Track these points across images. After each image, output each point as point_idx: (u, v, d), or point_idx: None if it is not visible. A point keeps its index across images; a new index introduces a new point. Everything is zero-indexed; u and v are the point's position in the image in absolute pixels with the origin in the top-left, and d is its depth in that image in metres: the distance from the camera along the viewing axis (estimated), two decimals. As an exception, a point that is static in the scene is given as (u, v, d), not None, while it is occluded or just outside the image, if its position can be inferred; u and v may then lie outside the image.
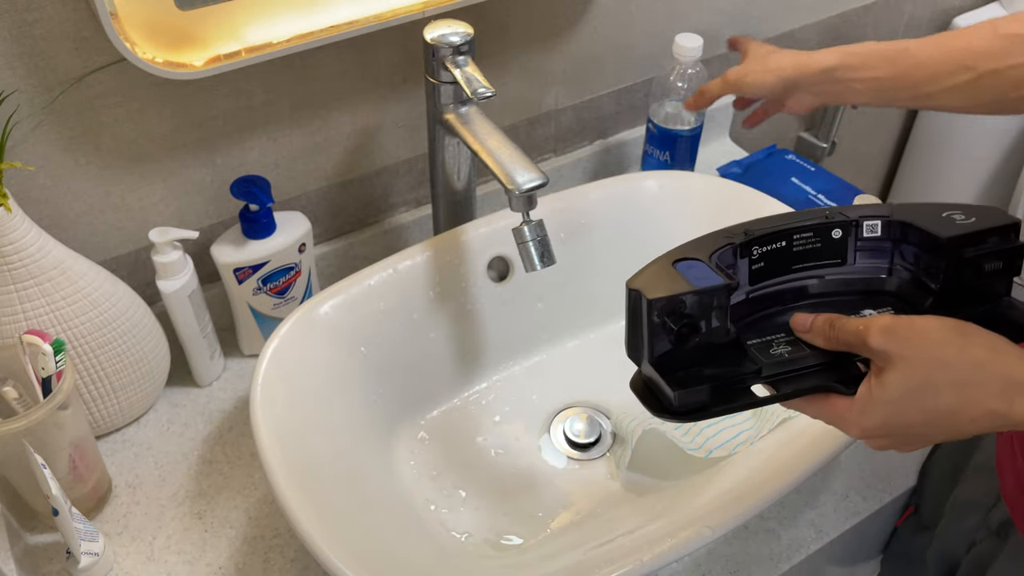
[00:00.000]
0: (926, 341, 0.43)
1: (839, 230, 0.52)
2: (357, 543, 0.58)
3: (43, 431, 0.63)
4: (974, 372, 0.42)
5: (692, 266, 0.48)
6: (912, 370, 0.43)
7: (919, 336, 0.43)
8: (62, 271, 0.67)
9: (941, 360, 0.43)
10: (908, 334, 0.43)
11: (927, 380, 0.43)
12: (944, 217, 0.50)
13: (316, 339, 0.69)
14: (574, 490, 0.73)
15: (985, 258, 0.48)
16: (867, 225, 0.51)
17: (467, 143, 0.70)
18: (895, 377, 0.43)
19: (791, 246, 0.51)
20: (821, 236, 0.52)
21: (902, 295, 0.52)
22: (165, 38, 0.65)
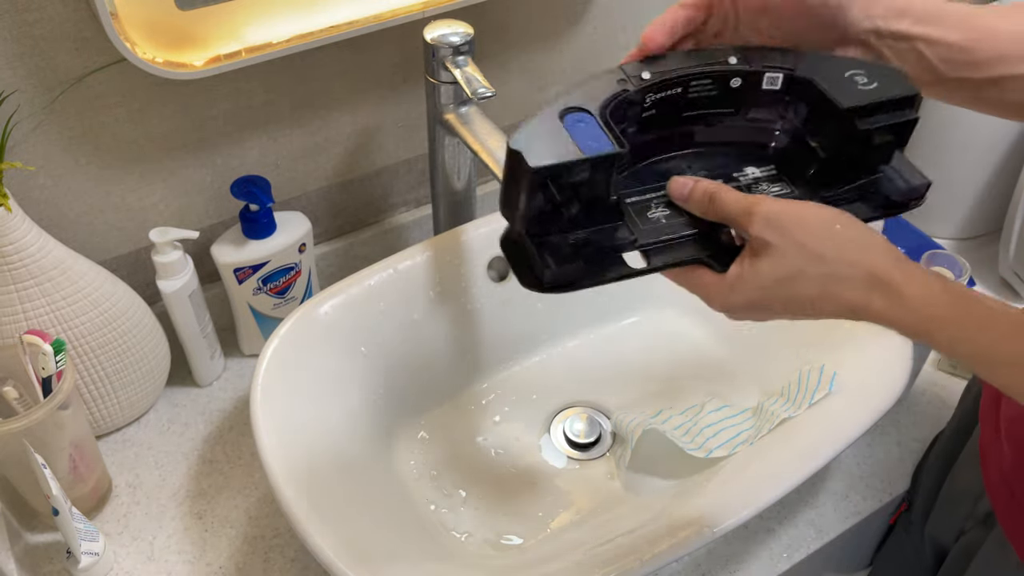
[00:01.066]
0: (806, 233, 0.44)
1: (739, 79, 0.48)
2: (357, 543, 0.58)
3: (43, 431, 0.63)
4: (844, 268, 0.43)
5: (581, 121, 0.44)
6: (787, 260, 0.44)
7: (800, 228, 0.44)
8: (62, 271, 0.67)
9: (816, 254, 0.44)
10: (789, 225, 0.44)
11: (799, 271, 0.44)
12: (846, 78, 0.48)
13: (316, 339, 0.69)
14: (574, 490, 0.73)
15: (878, 131, 0.47)
16: (768, 77, 0.49)
17: (467, 143, 0.70)
18: (769, 265, 0.44)
19: (686, 92, 0.48)
20: (719, 84, 0.48)
21: (787, 156, 0.50)
22: (165, 38, 0.65)
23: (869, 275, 0.43)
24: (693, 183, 0.47)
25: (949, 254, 0.74)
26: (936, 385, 0.83)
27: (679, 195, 0.47)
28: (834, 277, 0.44)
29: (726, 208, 0.45)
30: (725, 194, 0.46)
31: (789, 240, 0.44)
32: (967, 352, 0.43)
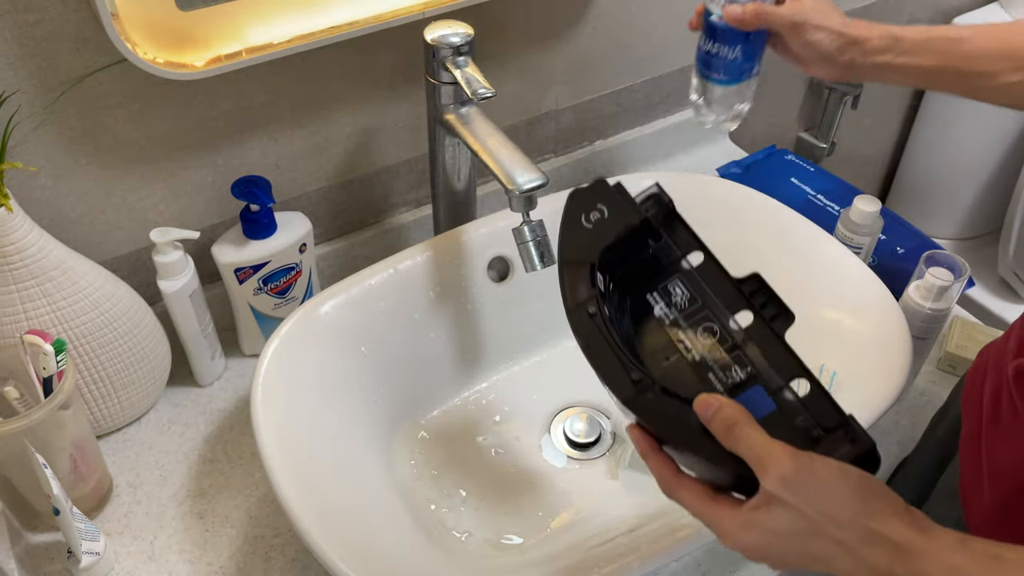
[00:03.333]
0: (823, 497, 0.43)
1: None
2: (357, 543, 0.58)
3: (44, 431, 0.63)
4: (867, 535, 0.42)
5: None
6: (805, 519, 0.43)
7: (816, 492, 0.43)
8: (63, 271, 0.67)
9: (836, 519, 0.43)
10: (806, 488, 0.43)
11: (818, 530, 0.43)
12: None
13: (317, 339, 0.69)
14: (574, 490, 0.73)
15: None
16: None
17: (467, 143, 0.70)
18: (785, 516, 0.43)
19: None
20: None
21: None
22: (166, 38, 0.65)
23: (889, 542, 0.42)
24: (717, 406, 0.46)
25: (949, 254, 0.74)
26: (936, 384, 0.83)
27: (703, 415, 0.46)
28: (853, 543, 0.42)
29: (741, 448, 0.45)
30: (742, 431, 0.45)
31: (804, 501, 0.43)
32: None
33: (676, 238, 0.55)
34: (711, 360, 0.50)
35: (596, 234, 0.55)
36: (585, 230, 0.55)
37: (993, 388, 0.63)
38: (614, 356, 0.50)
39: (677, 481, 0.47)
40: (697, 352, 0.51)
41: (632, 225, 0.54)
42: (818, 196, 0.99)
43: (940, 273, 0.72)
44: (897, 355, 0.67)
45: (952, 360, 0.83)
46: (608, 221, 0.55)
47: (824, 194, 0.99)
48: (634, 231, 0.54)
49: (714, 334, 0.51)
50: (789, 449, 0.44)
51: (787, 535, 0.44)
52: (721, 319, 0.51)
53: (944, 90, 0.67)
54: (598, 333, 0.51)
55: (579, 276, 0.54)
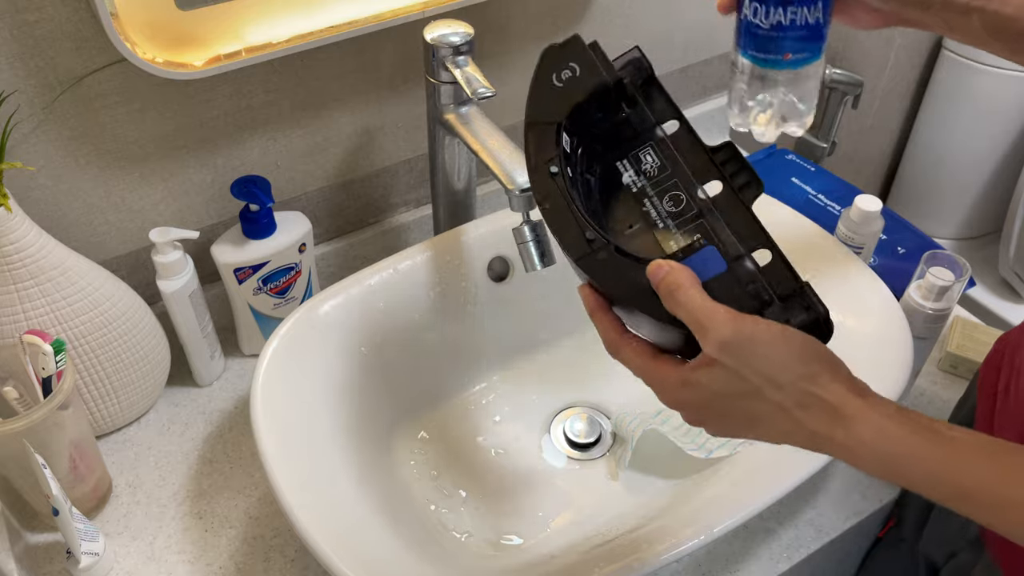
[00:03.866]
0: (762, 360, 0.43)
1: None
2: (356, 543, 0.58)
3: (43, 431, 0.63)
4: (805, 398, 0.43)
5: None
6: (743, 380, 0.43)
7: (756, 355, 0.43)
8: (62, 271, 0.67)
9: (774, 381, 0.43)
10: (744, 351, 0.43)
11: (756, 392, 0.43)
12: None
13: (316, 339, 0.69)
14: (574, 490, 0.73)
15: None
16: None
17: (467, 143, 0.70)
18: (724, 376, 0.43)
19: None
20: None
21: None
22: (165, 38, 0.65)
23: (833, 409, 0.42)
24: (667, 270, 0.45)
25: (949, 254, 0.74)
26: (936, 384, 0.83)
27: (652, 279, 0.46)
28: (794, 405, 0.43)
29: (682, 312, 0.44)
30: (684, 295, 0.44)
31: (743, 364, 0.43)
32: (948, 492, 0.41)
33: (653, 105, 0.53)
34: (673, 227, 0.50)
35: (566, 93, 0.52)
36: (555, 89, 0.53)
37: (1007, 375, 0.63)
38: (571, 215, 0.49)
39: (622, 340, 0.47)
40: (660, 219, 0.50)
41: (605, 85, 0.52)
42: (819, 196, 0.99)
43: (941, 273, 0.72)
44: (898, 355, 0.67)
45: (953, 360, 0.83)
46: (580, 80, 0.52)
47: (825, 194, 0.99)
48: (607, 92, 0.52)
49: (680, 202, 0.50)
50: (731, 313, 0.43)
51: (725, 395, 0.44)
52: (689, 188, 0.50)
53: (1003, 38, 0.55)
54: (558, 193, 0.50)
55: (544, 135, 0.51)
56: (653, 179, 0.52)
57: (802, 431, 0.43)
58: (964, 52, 1.29)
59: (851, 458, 0.43)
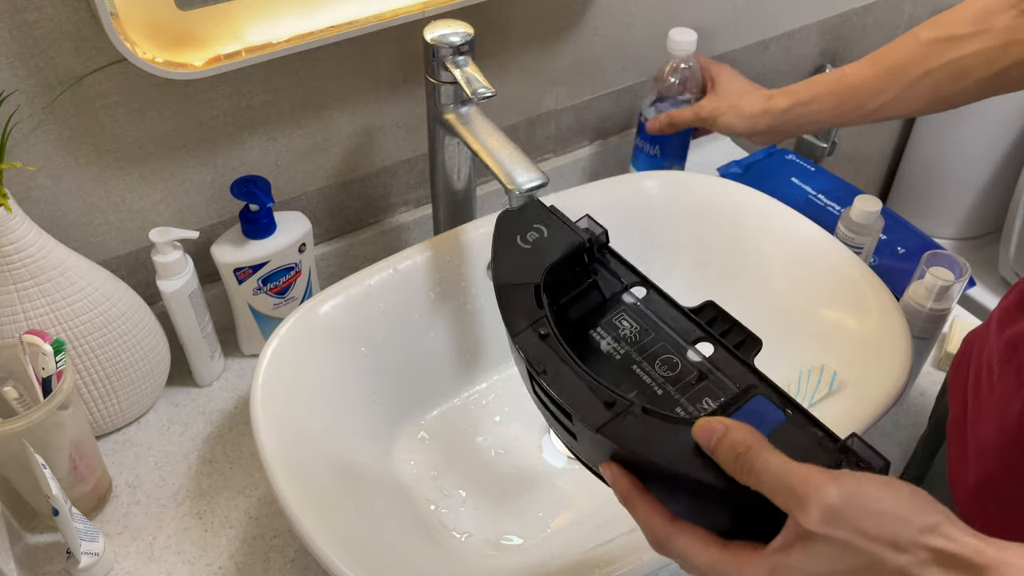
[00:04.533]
0: (880, 522, 0.36)
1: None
2: (357, 543, 0.58)
3: (43, 431, 0.63)
4: (931, 557, 0.36)
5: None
6: (856, 553, 0.36)
7: (872, 517, 0.36)
8: (62, 271, 0.67)
9: (896, 544, 0.36)
10: (858, 516, 0.35)
11: (872, 563, 0.36)
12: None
13: (316, 339, 0.69)
14: (574, 490, 0.73)
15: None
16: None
17: (467, 143, 0.70)
18: (830, 553, 0.36)
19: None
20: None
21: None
22: (165, 38, 0.65)
23: (954, 559, 0.36)
24: (723, 430, 0.38)
25: (949, 254, 0.74)
26: (936, 384, 0.83)
27: (705, 442, 0.38)
28: (922, 563, 0.36)
29: (764, 479, 0.36)
30: (760, 458, 0.36)
31: (855, 533, 0.35)
32: None
33: (616, 270, 0.50)
34: (674, 391, 0.44)
35: (536, 254, 0.50)
36: (522, 250, 0.50)
37: (976, 369, 0.64)
38: (579, 379, 0.42)
39: (675, 527, 0.39)
40: (658, 386, 0.45)
41: (580, 244, 0.50)
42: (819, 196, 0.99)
43: (941, 273, 0.72)
44: (898, 355, 0.67)
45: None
46: (549, 240, 0.50)
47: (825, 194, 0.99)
48: (580, 253, 0.50)
49: (675, 366, 0.45)
50: (827, 472, 0.36)
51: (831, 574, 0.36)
52: (679, 351, 0.46)
53: (853, 122, 0.77)
54: (556, 357, 0.44)
55: (522, 297, 0.48)
56: (636, 344, 0.47)
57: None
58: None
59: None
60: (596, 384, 0.42)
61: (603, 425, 0.41)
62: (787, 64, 1.17)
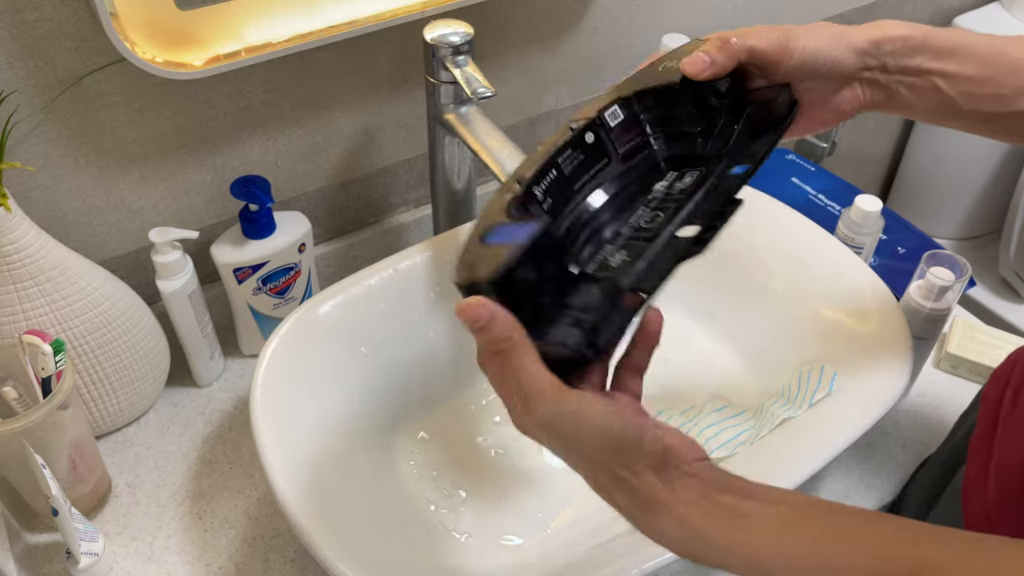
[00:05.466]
0: (580, 444, 0.43)
1: (590, 133, 0.50)
2: (357, 543, 0.58)
3: (43, 431, 0.63)
4: (614, 481, 0.43)
5: (498, 232, 0.46)
6: (564, 453, 0.44)
7: (573, 438, 0.43)
8: (62, 271, 0.67)
9: (592, 461, 0.43)
10: (563, 433, 0.43)
11: (574, 462, 0.44)
12: (660, 70, 0.52)
13: (316, 339, 0.69)
14: (574, 490, 0.73)
15: (713, 84, 0.50)
16: (608, 115, 0.51)
17: (467, 143, 0.70)
18: (551, 443, 0.44)
19: (562, 170, 0.49)
20: (580, 148, 0.50)
21: (680, 155, 0.52)
22: (165, 38, 0.65)
23: (634, 491, 0.42)
24: (488, 319, 0.41)
25: (949, 254, 0.74)
26: (936, 385, 0.83)
27: (469, 325, 0.42)
28: (607, 481, 0.43)
29: (507, 380, 0.42)
30: (518, 361, 0.42)
31: (561, 445, 0.43)
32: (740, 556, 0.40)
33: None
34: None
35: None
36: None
37: (1016, 385, 0.62)
38: None
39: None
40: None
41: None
42: (819, 196, 0.99)
43: (941, 273, 0.72)
44: (897, 355, 0.67)
45: (953, 361, 0.83)
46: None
47: (825, 194, 0.99)
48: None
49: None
50: (555, 389, 0.41)
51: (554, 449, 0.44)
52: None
53: (966, 120, 0.55)
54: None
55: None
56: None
57: (613, 503, 0.43)
58: (964, 52, 1.29)
59: (660, 542, 0.43)
60: None
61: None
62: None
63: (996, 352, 0.82)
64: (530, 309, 0.43)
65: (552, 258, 0.46)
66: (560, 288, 0.45)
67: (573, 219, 0.50)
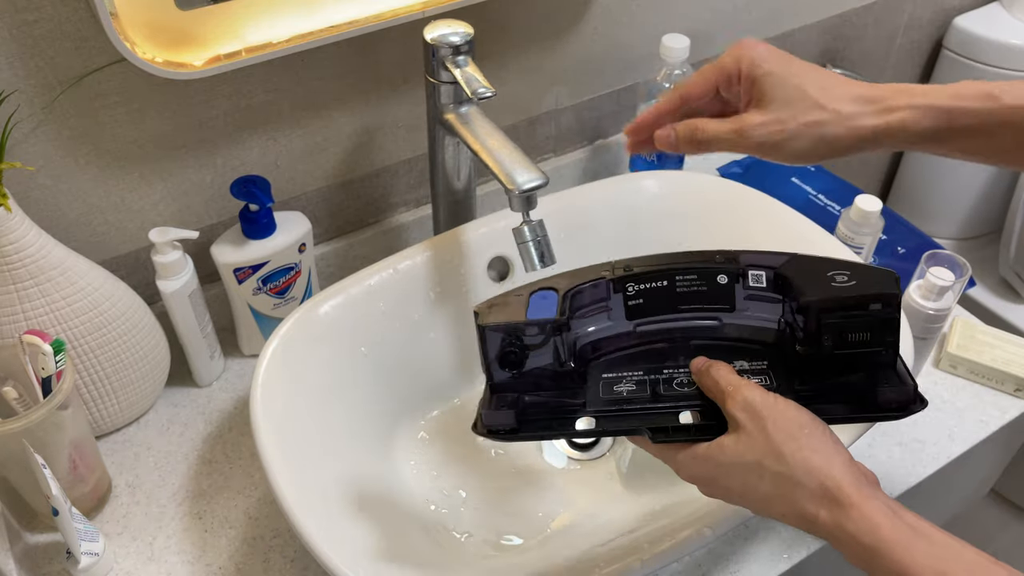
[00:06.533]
0: (775, 427, 0.45)
1: (724, 276, 0.51)
2: (357, 543, 0.58)
3: (43, 431, 0.63)
4: (800, 474, 0.44)
5: (545, 297, 0.50)
6: (751, 448, 0.45)
7: (771, 420, 0.45)
8: (62, 271, 0.67)
9: (778, 452, 0.44)
10: (763, 414, 0.45)
11: (759, 463, 0.45)
12: (827, 277, 0.49)
13: (316, 339, 0.69)
14: (574, 490, 0.73)
15: (850, 326, 0.47)
16: (752, 275, 0.50)
17: (467, 143, 0.70)
18: (734, 447, 0.46)
19: (674, 286, 0.51)
20: (706, 280, 0.51)
21: (779, 352, 0.51)
22: (165, 38, 0.65)
23: (822, 487, 0.44)
24: (704, 362, 0.50)
25: (949, 254, 0.74)
26: (937, 385, 0.83)
27: (693, 366, 0.50)
28: (790, 480, 0.44)
29: (715, 381, 0.48)
30: (720, 370, 0.48)
31: (758, 428, 0.45)
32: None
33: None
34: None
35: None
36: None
37: None
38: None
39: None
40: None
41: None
42: (819, 196, 0.99)
43: (941, 273, 0.72)
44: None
45: (953, 361, 0.83)
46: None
47: (825, 194, 0.99)
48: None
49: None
50: (765, 390, 0.46)
51: (731, 467, 0.46)
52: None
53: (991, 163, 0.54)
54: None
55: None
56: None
57: (792, 510, 0.45)
58: (964, 52, 1.29)
59: (833, 543, 0.44)
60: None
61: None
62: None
63: (996, 352, 0.83)
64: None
65: (544, 342, 0.50)
66: (546, 373, 0.50)
67: (659, 328, 0.52)
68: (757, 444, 0.45)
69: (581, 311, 0.51)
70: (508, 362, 0.50)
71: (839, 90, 0.51)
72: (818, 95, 0.51)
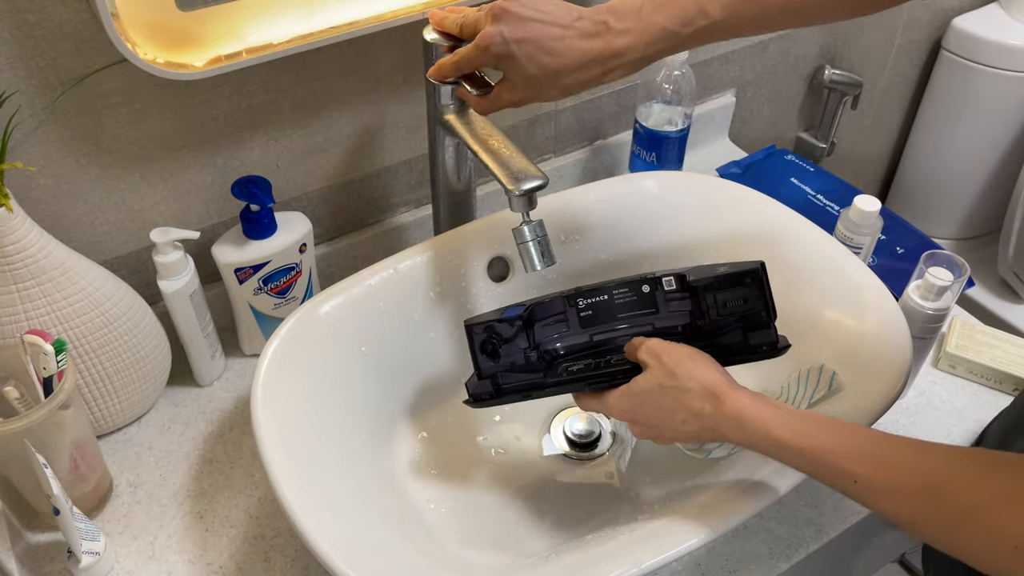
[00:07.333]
0: (669, 358, 0.60)
1: (647, 286, 0.65)
2: (357, 543, 0.58)
3: (44, 431, 0.63)
4: (688, 382, 0.58)
5: (516, 308, 0.66)
6: (653, 376, 0.60)
7: (666, 355, 0.60)
8: (63, 271, 0.67)
9: (672, 372, 0.59)
10: (659, 352, 0.60)
11: (660, 385, 0.59)
12: (712, 270, 0.65)
13: (317, 339, 0.69)
14: (574, 490, 0.73)
15: (728, 298, 0.64)
16: (665, 281, 0.65)
17: (467, 143, 0.70)
18: (642, 379, 0.61)
19: (613, 299, 0.65)
20: (635, 291, 0.65)
21: (691, 330, 0.65)
22: (166, 39, 0.66)
23: (703, 387, 0.57)
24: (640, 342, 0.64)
25: (949, 254, 0.74)
26: (936, 384, 0.83)
27: (628, 349, 0.64)
28: (681, 389, 0.58)
29: (632, 345, 0.63)
30: (637, 338, 0.64)
31: (657, 362, 0.60)
32: (802, 445, 0.53)
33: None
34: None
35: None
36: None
37: None
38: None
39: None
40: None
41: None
42: (818, 196, 0.99)
43: (940, 273, 0.72)
44: (897, 355, 0.67)
45: (952, 360, 0.83)
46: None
47: (824, 194, 1.00)
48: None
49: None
50: (659, 339, 0.62)
51: (643, 393, 0.60)
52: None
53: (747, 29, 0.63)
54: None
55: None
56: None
57: (688, 412, 0.57)
58: (964, 52, 1.29)
59: (716, 428, 0.56)
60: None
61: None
62: (786, 64, 1.17)
63: (994, 352, 0.83)
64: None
65: (515, 333, 0.66)
66: (518, 360, 0.66)
67: (608, 337, 0.66)
68: (657, 373, 0.59)
69: (544, 320, 0.65)
70: (487, 351, 0.66)
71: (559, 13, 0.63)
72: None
